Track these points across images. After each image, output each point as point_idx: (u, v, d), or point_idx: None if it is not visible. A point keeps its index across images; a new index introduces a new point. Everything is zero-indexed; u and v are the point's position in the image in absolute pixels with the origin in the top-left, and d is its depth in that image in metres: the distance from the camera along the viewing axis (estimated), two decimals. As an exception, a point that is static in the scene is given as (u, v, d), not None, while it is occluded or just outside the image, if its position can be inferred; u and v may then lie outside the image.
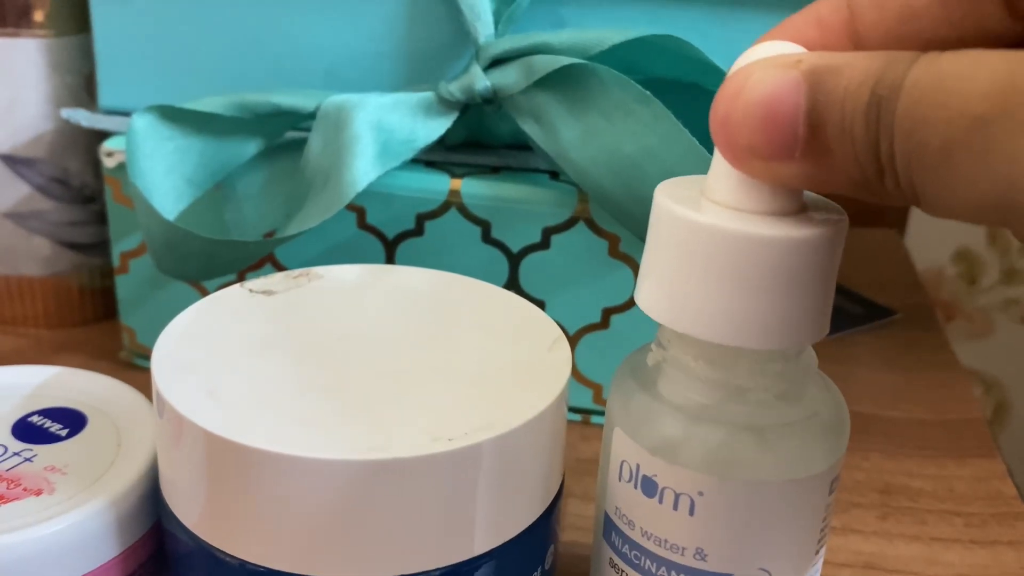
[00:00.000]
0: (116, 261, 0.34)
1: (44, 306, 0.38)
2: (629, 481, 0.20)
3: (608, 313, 0.33)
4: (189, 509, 0.21)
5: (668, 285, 0.19)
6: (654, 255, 0.19)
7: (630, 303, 0.32)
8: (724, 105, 0.18)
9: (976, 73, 0.15)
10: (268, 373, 0.22)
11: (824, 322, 0.19)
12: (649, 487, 0.20)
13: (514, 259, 0.32)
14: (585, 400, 0.34)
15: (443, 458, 0.19)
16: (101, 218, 0.38)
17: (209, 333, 0.23)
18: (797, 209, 0.18)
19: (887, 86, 0.16)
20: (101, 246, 0.38)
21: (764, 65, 0.17)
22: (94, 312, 0.39)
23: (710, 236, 0.18)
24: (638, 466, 0.20)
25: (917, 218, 0.57)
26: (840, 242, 0.19)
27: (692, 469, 0.19)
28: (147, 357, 0.36)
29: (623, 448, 0.20)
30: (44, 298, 0.38)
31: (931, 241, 0.58)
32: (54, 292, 0.38)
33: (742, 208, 0.18)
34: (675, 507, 0.20)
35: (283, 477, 0.19)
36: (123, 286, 0.35)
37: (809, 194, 0.19)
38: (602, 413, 0.34)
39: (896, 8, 0.19)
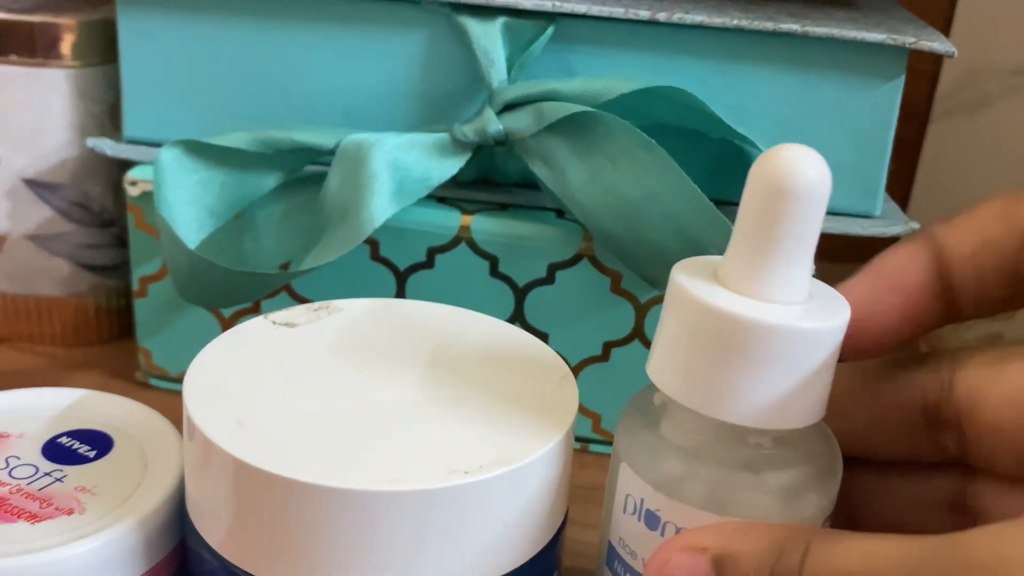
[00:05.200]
0: (136, 285, 0.35)
1: (62, 325, 0.39)
2: (633, 514, 0.22)
3: (609, 346, 0.34)
4: (215, 530, 0.22)
5: (676, 360, 0.20)
6: (667, 331, 0.21)
7: (630, 337, 0.34)
8: None
9: (871, 573, 0.17)
10: (292, 403, 0.23)
11: (821, 406, 0.20)
12: (652, 520, 0.21)
13: (520, 293, 0.33)
14: (585, 429, 0.35)
15: (459, 490, 0.21)
16: (119, 241, 0.39)
17: (236, 363, 0.24)
18: (803, 299, 0.20)
19: (782, 575, 0.18)
20: (118, 268, 0.40)
21: (679, 548, 0.19)
22: (110, 331, 0.40)
23: (720, 320, 0.19)
24: (642, 500, 0.21)
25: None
26: (841, 333, 0.20)
27: (693, 506, 0.20)
28: (163, 378, 0.37)
29: (628, 483, 0.22)
30: (62, 317, 0.39)
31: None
32: (72, 312, 0.39)
33: (751, 296, 0.20)
34: (675, 540, 0.21)
35: (308, 505, 0.21)
36: (141, 309, 0.36)
37: (816, 282, 0.21)
38: (601, 442, 0.36)
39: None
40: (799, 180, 0.19)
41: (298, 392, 0.23)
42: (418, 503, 0.20)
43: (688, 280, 0.20)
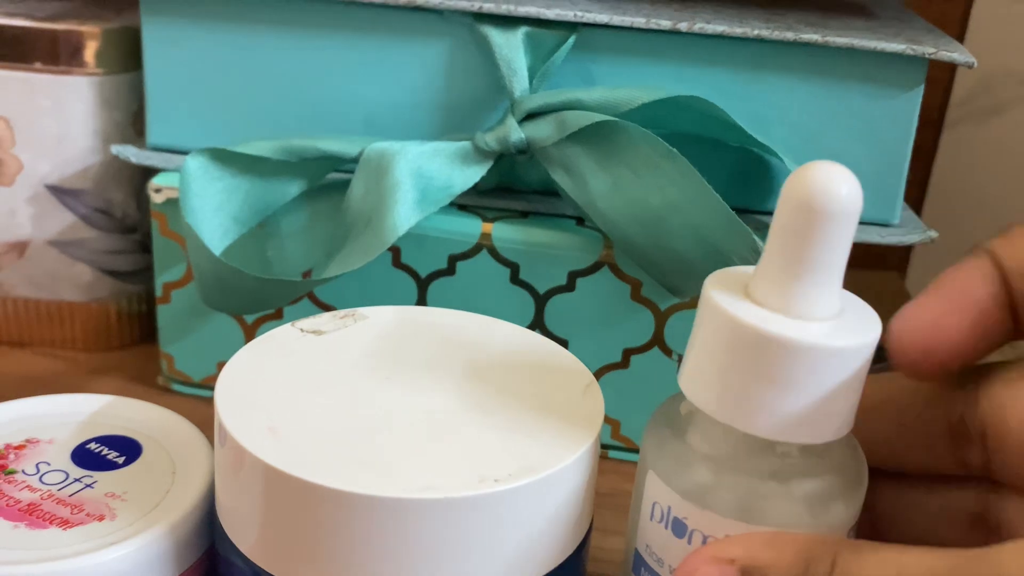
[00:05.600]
0: (159, 291, 0.36)
1: (83, 330, 0.40)
2: (660, 521, 0.22)
3: (628, 353, 0.34)
4: (245, 536, 0.23)
5: (708, 375, 0.21)
6: (699, 345, 0.21)
7: (650, 344, 0.34)
8: None
9: None
10: (323, 410, 0.23)
11: (851, 419, 0.21)
12: (679, 528, 0.21)
13: (540, 300, 0.34)
14: (604, 435, 0.36)
15: (490, 498, 0.21)
16: (141, 247, 0.40)
17: (266, 370, 0.25)
18: (834, 315, 0.20)
19: None
20: (139, 273, 0.40)
21: (706, 559, 0.20)
22: (131, 336, 0.41)
23: (753, 337, 0.20)
24: (669, 508, 0.22)
25: (919, 261, 0.59)
26: (872, 348, 0.20)
27: (720, 514, 0.21)
28: (184, 383, 0.37)
29: (656, 490, 0.22)
30: (84, 322, 0.40)
31: (931, 283, 0.60)
32: (93, 317, 0.40)
33: (783, 312, 0.20)
34: (703, 547, 0.21)
35: (339, 511, 0.21)
36: (164, 315, 0.36)
37: (847, 295, 0.21)
38: (620, 448, 0.36)
39: None
40: (832, 199, 0.19)
41: (328, 399, 0.24)
42: (450, 510, 0.21)
43: (720, 296, 0.20)
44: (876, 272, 0.55)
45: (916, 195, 0.57)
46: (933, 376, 0.22)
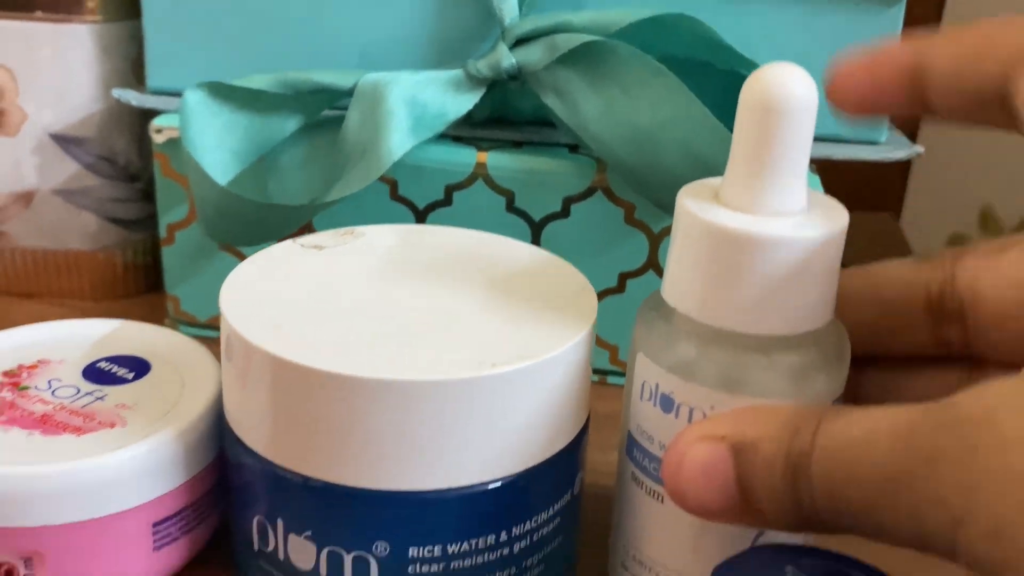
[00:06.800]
0: (163, 233, 0.37)
1: (91, 280, 0.41)
2: (649, 399, 0.23)
3: (624, 277, 0.35)
4: (255, 433, 0.23)
5: (686, 278, 0.22)
6: (676, 252, 0.22)
7: (645, 268, 0.35)
8: (670, 479, 0.20)
9: (876, 437, 0.18)
10: (326, 310, 0.24)
11: (830, 306, 0.22)
12: (667, 403, 0.22)
13: (536, 227, 0.34)
14: (603, 361, 0.36)
15: (488, 381, 0.22)
16: (145, 195, 0.40)
17: (269, 280, 0.25)
18: (801, 210, 0.21)
19: (798, 453, 0.19)
20: (144, 222, 0.41)
21: (696, 439, 0.20)
22: (136, 286, 0.41)
23: (724, 236, 0.20)
24: (657, 385, 0.22)
25: (913, 203, 0.60)
26: (841, 238, 0.21)
27: (705, 386, 0.21)
28: (191, 324, 0.38)
29: (644, 370, 0.23)
30: (91, 272, 0.40)
31: (926, 226, 0.60)
32: (100, 266, 0.40)
33: (752, 211, 0.21)
34: (689, 421, 0.22)
35: (345, 397, 0.21)
36: (169, 256, 0.37)
37: (814, 192, 0.22)
38: (619, 374, 0.37)
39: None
40: (787, 97, 0.20)
41: (331, 301, 0.24)
42: (449, 393, 0.21)
43: (692, 202, 0.21)
44: (871, 213, 0.55)
45: (912, 119, 0.57)
46: (842, 107, 0.22)
